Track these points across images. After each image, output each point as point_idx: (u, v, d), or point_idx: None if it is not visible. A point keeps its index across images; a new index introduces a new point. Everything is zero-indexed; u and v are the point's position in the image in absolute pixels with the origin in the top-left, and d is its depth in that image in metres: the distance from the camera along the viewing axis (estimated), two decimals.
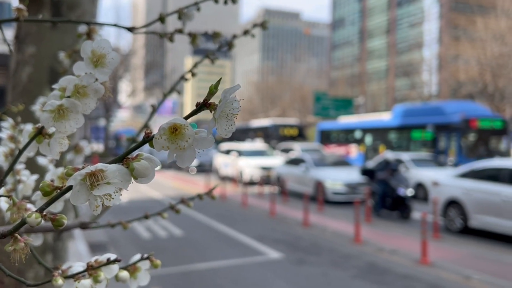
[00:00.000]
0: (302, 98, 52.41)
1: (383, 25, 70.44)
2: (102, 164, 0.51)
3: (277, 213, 11.79)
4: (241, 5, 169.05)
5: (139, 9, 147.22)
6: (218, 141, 28.81)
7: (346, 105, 33.60)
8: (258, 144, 27.55)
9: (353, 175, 14.08)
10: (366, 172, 12.45)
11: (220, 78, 0.52)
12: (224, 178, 18.99)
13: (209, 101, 0.52)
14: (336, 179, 13.74)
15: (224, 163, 22.25)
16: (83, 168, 0.50)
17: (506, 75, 28.80)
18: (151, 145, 0.52)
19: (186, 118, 0.53)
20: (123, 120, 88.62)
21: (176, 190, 18.25)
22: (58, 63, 2.08)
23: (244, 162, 20.27)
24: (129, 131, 47.77)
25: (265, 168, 19.78)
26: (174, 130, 0.52)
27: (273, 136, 29.23)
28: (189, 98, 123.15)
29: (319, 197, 12.92)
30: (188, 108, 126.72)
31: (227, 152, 22.49)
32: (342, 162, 16.13)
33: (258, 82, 70.62)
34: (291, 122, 33.29)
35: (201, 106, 0.53)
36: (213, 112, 0.52)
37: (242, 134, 32.99)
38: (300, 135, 30.06)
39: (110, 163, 0.52)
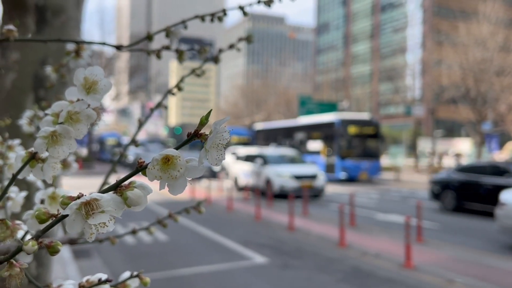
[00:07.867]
0: (287, 102, 52.60)
1: (367, 30, 71.07)
2: (96, 193, 0.52)
3: (262, 217, 11.81)
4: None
5: (123, 12, 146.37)
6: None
7: (330, 109, 33.70)
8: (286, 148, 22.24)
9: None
10: None
11: (211, 110, 0.54)
12: (242, 189, 17.65)
13: (200, 132, 0.54)
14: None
15: (243, 171, 18.70)
16: (78, 197, 0.52)
17: (488, 79, 29.28)
18: (144, 174, 0.54)
19: (177, 148, 0.55)
20: (107, 123, 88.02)
21: (171, 195, 18.11)
22: (42, 69, 2.09)
23: (271, 171, 16.69)
24: (113, 135, 47.57)
25: (298, 178, 16.14)
26: (166, 161, 0.54)
27: (341, 137, 22.53)
28: (174, 101, 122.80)
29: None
30: (173, 111, 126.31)
31: (247, 158, 18.89)
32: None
33: (243, 86, 70.75)
34: (363, 117, 25.52)
35: (192, 136, 0.55)
36: (204, 142, 0.54)
37: (284, 136, 26.94)
38: (376, 135, 23.44)
39: (103, 191, 0.54)
